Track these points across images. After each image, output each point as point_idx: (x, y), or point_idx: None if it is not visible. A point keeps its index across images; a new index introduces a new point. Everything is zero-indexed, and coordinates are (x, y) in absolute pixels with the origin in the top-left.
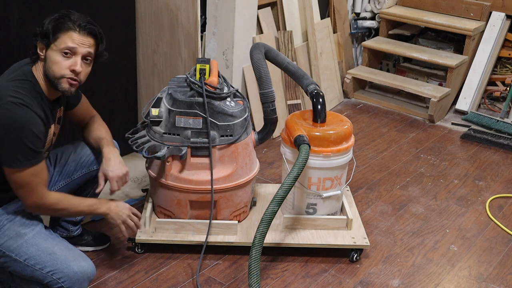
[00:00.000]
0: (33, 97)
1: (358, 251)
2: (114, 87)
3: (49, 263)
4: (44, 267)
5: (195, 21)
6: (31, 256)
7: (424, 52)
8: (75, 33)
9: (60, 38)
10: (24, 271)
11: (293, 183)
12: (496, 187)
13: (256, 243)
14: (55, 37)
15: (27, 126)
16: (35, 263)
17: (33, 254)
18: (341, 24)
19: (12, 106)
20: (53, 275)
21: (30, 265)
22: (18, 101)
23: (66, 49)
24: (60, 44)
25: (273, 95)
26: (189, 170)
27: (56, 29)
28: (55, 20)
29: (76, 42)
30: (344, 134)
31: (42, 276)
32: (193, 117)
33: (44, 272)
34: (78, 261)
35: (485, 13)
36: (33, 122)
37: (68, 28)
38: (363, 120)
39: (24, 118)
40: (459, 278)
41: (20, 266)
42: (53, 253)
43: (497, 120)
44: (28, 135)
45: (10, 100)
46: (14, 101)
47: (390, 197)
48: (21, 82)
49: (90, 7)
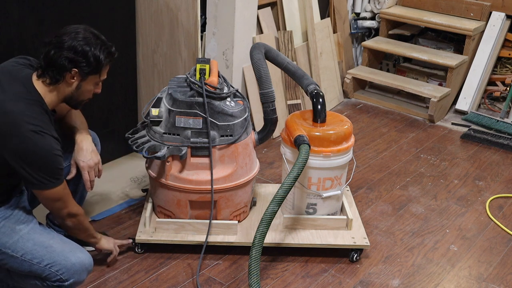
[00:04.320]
0: (45, 119)
1: (358, 251)
2: (114, 87)
3: (46, 256)
4: (42, 260)
5: (195, 21)
6: (27, 251)
7: (424, 52)
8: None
9: (103, 71)
10: (22, 266)
11: (293, 183)
12: (496, 187)
13: (256, 243)
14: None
15: (51, 152)
16: (32, 258)
17: (29, 249)
18: (341, 24)
19: (34, 136)
20: (51, 267)
21: (27, 260)
22: (37, 129)
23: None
24: (102, 77)
25: (273, 95)
26: (189, 170)
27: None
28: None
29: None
30: (344, 134)
31: (40, 270)
32: (193, 117)
33: (42, 266)
34: (75, 253)
35: (485, 13)
36: (54, 146)
37: (109, 61)
38: (363, 120)
39: (47, 146)
40: (459, 278)
41: (17, 262)
42: (50, 246)
43: (497, 120)
44: (53, 159)
45: (30, 128)
46: (35, 130)
47: (390, 197)
48: (30, 104)
49: (90, 7)
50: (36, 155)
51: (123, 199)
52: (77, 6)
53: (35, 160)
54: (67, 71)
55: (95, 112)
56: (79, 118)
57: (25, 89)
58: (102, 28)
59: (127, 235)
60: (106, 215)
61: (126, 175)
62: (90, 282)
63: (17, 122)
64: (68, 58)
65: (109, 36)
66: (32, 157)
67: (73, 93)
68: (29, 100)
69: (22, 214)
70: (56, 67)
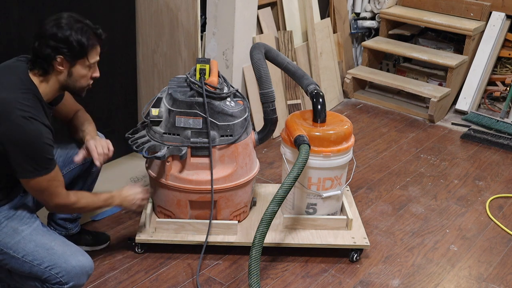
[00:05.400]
0: (37, 107)
1: (358, 251)
2: (114, 87)
3: (47, 258)
4: (42, 262)
5: (195, 21)
6: (29, 252)
7: (424, 52)
8: (99, 46)
9: (90, 54)
10: (22, 267)
11: (293, 183)
12: (496, 187)
13: (256, 243)
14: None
15: (40, 139)
16: (33, 259)
17: (31, 250)
18: (341, 24)
19: (23, 121)
20: (51, 270)
21: (28, 261)
22: (27, 115)
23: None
24: (91, 60)
25: (273, 95)
26: (189, 170)
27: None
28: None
29: (99, 54)
30: (344, 134)
31: (40, 272)
32: (193, 117)
33: (42, 268)
34: (76, 256)
35: (485, 13)
36: (44, 133)
37: (95, 43)
38: (363, 120)
39: (36, 131)
40: (459, 278)
41: (18, 262)
42: (51, 248)
43: (497, 120)
44: (41, 147)
45: (19, 114)
46: (24, 115)
47: (390, 197)
48: (24, 93)
49: (90, 7)
50: (23, 141)
51: None
52: (77, 6)
53: (22, 146)
54: (52, 59)
55: (95, 112)
56: (86, 119)
57: (20, 80)
58: (102, 28)
59: (127, 235)
60: (106, 215)
61: (126, 175)
62: (90, 282)
63: (8, 108)
64: (51, 46)
65: (109, 36)
66: (19, 143)
67: (67, 81)
68: (23, 90)
69: (26, 215)
70: (42, 57)
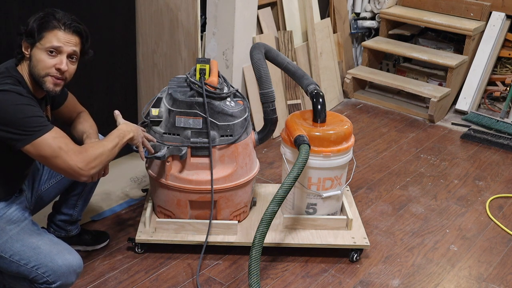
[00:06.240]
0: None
1: (358, 251)
2: (114, 87)
3: (33, 258)
4: (29, 262)
5: (195, 21)
6: (15, 252)
7: (424, 52)
8: (60, 32)
9: (46, 37)
10: (10, 267)
11: (293, 183)
12: (496, 187)
13: (256, 243)
14: (40, 36)
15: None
16: (19, 259)
17: (17, 249)
18: (341, 24)
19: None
20: (37, 269)
21: (15, 261)
22: (4, 87)
23: (51, 48)
24: (46, 43)
25: (273, 95)
26: (189, 170)
27: (41, 27)
28: (40, 18)
29: (61, 41)
30: (344, 134)
31: (27, 271)
32: (193, 117)
33: (28, 267)
34: (62, 254)
35: (485, 13)
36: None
37: (53, 26)
38: (363, 120)
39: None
40: (459, 278)
41: (5, 262)
42: (37, 248)
43: (497, 120)
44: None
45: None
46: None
47: (390, 197)
48: (7, 77)
49: (90, 7)
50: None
51: (123, 199)
52: (77, 6)
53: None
54: (21, 45)
55: (95, 112)
56: (88, 122)
57: (6, 70)
58: (102, 28)
59: (127, 235)
60: (106, 215)
61: (126, 175)
62: (90, 282)
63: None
64: (20, 33)
65: (109, 36)
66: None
67: (30, 66)
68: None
69: (16, 214)
70: (17, 44)
